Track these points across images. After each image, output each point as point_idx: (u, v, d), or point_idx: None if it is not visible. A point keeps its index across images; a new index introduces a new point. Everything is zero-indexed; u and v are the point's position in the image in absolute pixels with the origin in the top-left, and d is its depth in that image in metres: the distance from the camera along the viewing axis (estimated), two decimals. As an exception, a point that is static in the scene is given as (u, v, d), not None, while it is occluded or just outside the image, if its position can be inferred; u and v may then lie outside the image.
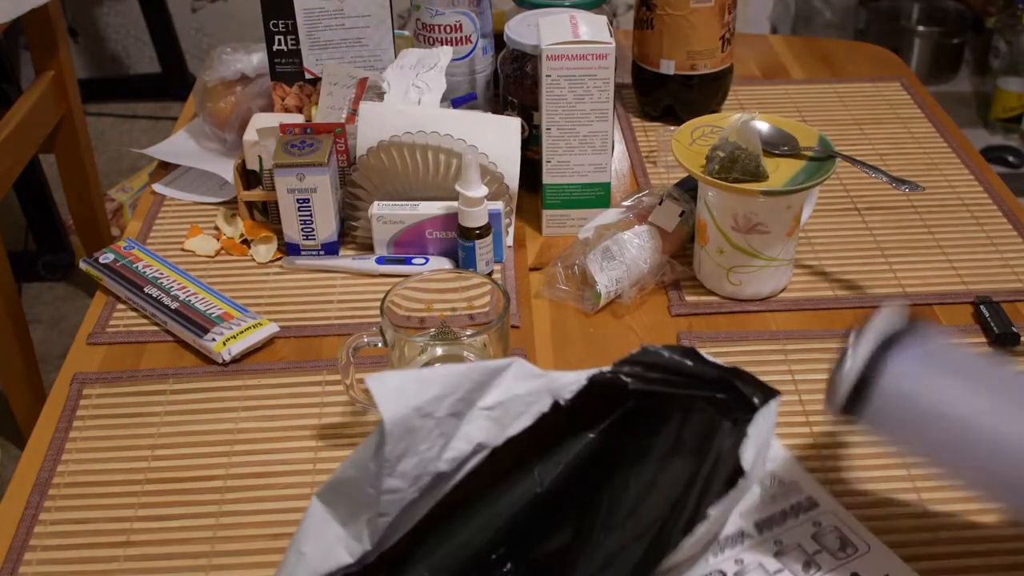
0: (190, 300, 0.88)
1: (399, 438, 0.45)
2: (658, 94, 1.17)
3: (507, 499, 0.53)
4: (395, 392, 0.45)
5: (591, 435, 0.54)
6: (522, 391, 0.50)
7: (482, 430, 0.48)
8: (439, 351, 0.79)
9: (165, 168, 1.12)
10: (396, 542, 0.48)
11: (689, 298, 0.90)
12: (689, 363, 0.53)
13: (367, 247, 0.97)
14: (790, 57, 1.34)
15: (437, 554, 0.50)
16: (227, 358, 0.84)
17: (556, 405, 0.51)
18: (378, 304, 0.76)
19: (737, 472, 0.49)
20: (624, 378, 0.53)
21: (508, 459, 0.50)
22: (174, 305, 0.88)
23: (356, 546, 0.46)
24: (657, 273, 0.91)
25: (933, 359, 0.54)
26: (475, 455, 0.48)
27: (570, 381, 0.51)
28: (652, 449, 0.55)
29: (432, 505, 0.48)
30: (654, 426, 0.55)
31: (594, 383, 0.52)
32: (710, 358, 0.54)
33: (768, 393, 0.53)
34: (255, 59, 1.09)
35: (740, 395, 0.52)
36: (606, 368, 0.52)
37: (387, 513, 0.46)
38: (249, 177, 0.99)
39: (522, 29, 0.99)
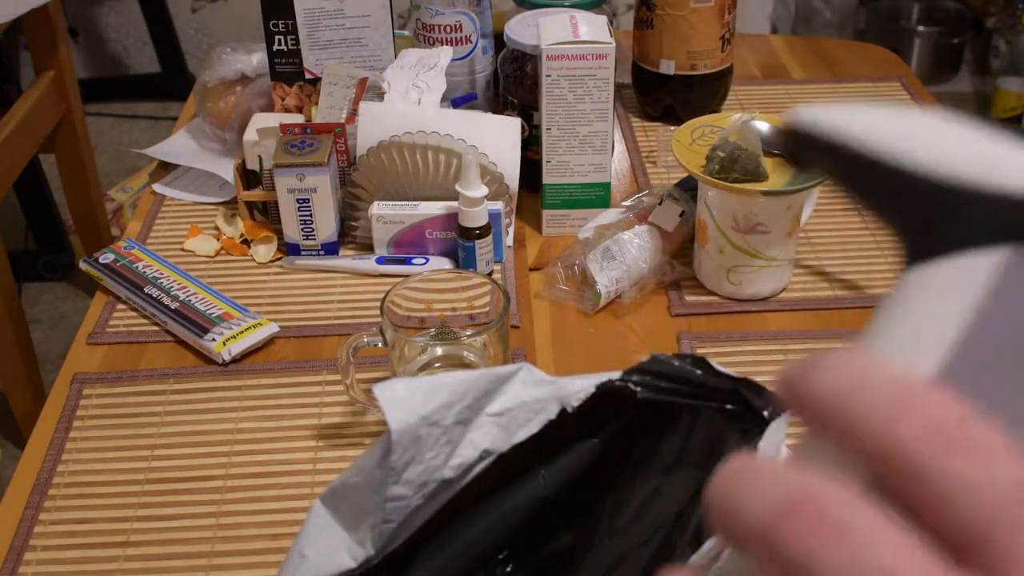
0: (190, 300, 0.88)
1: (406, 447, 0.45)
2: (658, 94, 1.17)
3: (511, 502, 0.53)
4: (403, 401, 0.45)
5: (596, 440, 0.54)
6: (530, 398, 0.50)
7: (489, 436, 0.48)
8: (439, 351, 0.79)
9: (165, 168, 1.12)
10: (399, 544, 0.47)
11: (689, 298, 0.90)
12: (699, 372, 0.53)
13: (367, 247, 0.97)
14: (790, 57, 1.34)
15: (440, 556, 0.50)
16: (227, 358, 0.84)
17: (563, 412, 0.51)
18: (378, 304, 0.76)
19: None
20: (633, 387, 0.53)
21: (514, 464, 0.50)
22: (174, 305, 0.88)
23: (359, 551, 0.46)
24: (657, 273, 0.91)
25: None
26: (481, 461, 0.48)
27: (578, 389, 0.51)
28: (658, 456, 0.55)
29: (437, 509, 0.48)
30: (661, 433, 0.55)
31: (602, 391, 0.52)
32: (720, 368, 0.54)
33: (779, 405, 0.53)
34: (255, 59, 1.09)
35: (750, 406, 0.52)
36: (615, 376, 0.52)
37: (391, 520, 0.46)
38: (249, 177, 0.99)
39: (522, 29, 0.99)
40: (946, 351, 0.21)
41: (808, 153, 0.24)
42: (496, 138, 0.95)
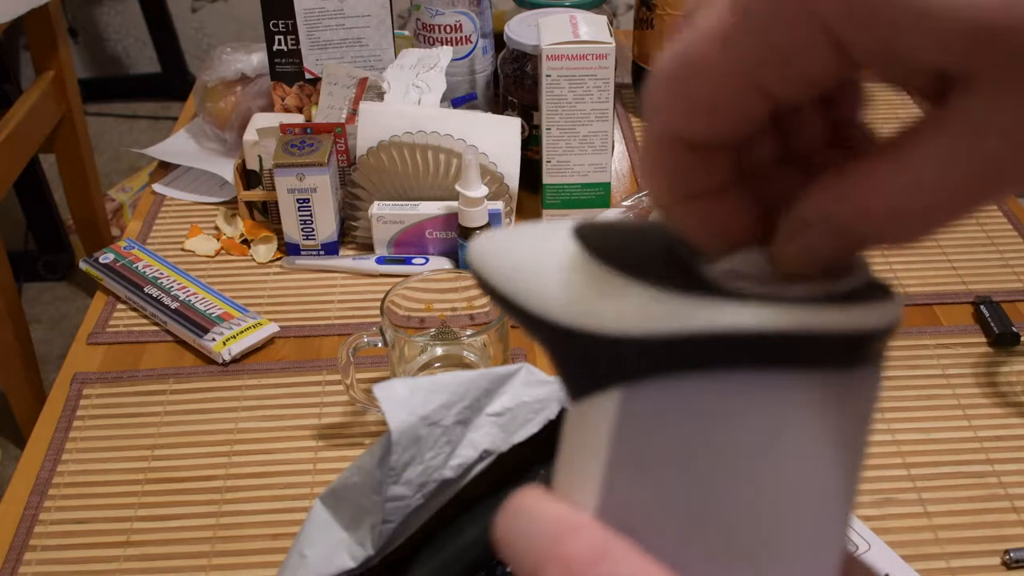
0: (190, 300, 0.88)
1: (406, 447, 0.45)
2: (658, 94, 1.17)
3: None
4: (403, 401, 0.45)
5: None
6: (530, 398, 0.50)
7: (488, 436, 0.48)
8: (439, 351, 0.79)
9: (165, 168, 1.12)
10: (399, 545, 0.47)
11: (689, 298, 0.90)
12: None
13: (367, 247, 0.97)
14: (790, 57, 1.34)
15: (440, 556, 0.50)
16: (227, 358, 0.84)
17: (563, 412, 0.51)
18: (378, 304, 0.76)
19: None
20: None
21: (514, 464, 0.50)
22: (174, 305, 0.88)
23: (359, 551, 0.46)
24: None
25: None
26: (481, 461, 0.48)
27: None
28: None
29: (437, 509, 0.48)
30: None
31: None
32: None
33: None
34: (255, 59, 1.09)
35: None
36: None
37: (391, 520, 0.46)
38: (249, 177, 0.99)
39: (522, 29, 0.99)
40: (595, 491, 0.22)
41: (480, 286, 0.25)
42: (496, 138, 0.95)
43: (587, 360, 0.22)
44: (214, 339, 0.84)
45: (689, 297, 0.21)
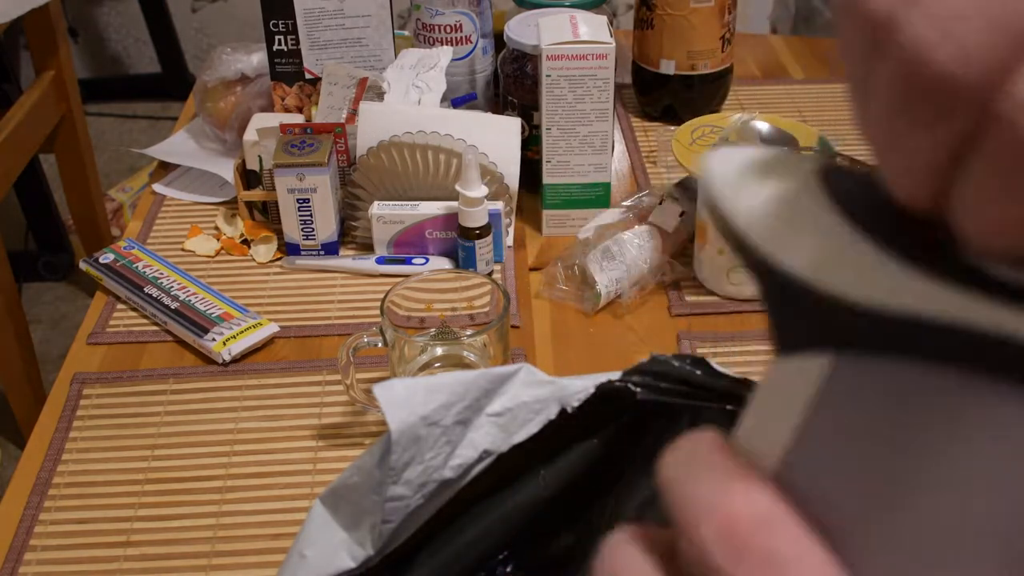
0: (190, 300, 0.88)
1: (405, 447, 0.45)
2: (658, 94, 1.17)
3: (512, 502, 0.53)
4: (402, 401, 0.45)
5: (596, 440, 0.54)
6: (529, 398, 0.50)
7: (488, 437, 0.48)
8: (439, 351, 0.79)
9: (165, 168, 1.12)
10: (399, 545, 0.48)
11: (689, 298, 0.90)
12: (699, 373, 0.53)
13: (367, 247, 0.97)
14: (790, 57, 1.34)
15: (440, 556, 0.50)
16: (227, 358, 0.84)
17: (563, 412, 0.51)
18: (378, 304, 0.76)
19: None
20: (633, 387, 0.53)
21: (514, 464, 0.50)
22: (174, 305, 0.88)
23: (359, 551, 0.46)
24: (657, 273, 0.90)
25: None
26: (481, 461, 0.48)
27: (578, 389, 0.51)
28: (658, 456, 0.55)
29: (436, 509, 0.48)
30: (661, 432, 0.55)
31: (602, 391, 0.52)
32: (720, 368, 0.54)
33: None
34: (255, 59, 1.09)
35: None
36: (614, 376, 0.52)
37: (391, 520, 0.46)
38: (249, 177, 0.99)
39: (522, 29, 0.99)
40: (778, 451, 0.21)
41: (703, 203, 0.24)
42: (496, 138, 0.95)
43: (808, 316, 0.21)
44: (214, 339, 0.84)
45: (943, 281, 0.19)
